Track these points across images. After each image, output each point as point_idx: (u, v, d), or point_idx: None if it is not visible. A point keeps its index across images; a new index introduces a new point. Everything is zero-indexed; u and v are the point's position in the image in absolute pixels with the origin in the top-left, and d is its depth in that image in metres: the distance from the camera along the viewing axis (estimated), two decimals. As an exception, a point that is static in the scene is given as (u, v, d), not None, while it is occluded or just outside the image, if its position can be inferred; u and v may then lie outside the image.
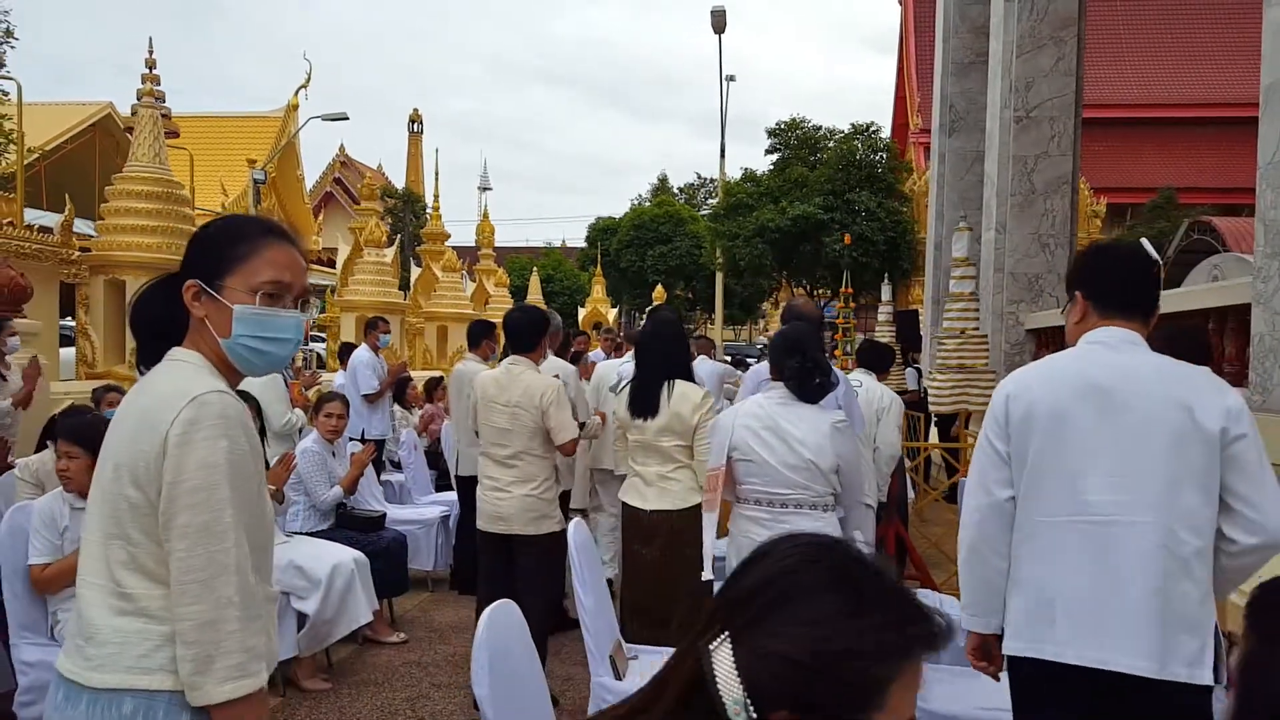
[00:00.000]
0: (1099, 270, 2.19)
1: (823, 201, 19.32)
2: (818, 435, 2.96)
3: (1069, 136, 8.99)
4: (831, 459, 2.96)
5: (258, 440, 1.50)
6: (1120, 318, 2.12)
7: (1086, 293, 2.18)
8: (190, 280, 1.53)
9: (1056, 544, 2.01)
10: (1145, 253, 2.25)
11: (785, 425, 3.00)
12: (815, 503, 3.00)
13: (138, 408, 1.49)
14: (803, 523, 2.98)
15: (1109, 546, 1.96)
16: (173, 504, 1.39)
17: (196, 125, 28.64)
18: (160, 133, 8.84)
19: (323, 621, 4.05)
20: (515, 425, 3.89)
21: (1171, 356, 2.11)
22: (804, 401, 3.03)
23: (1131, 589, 1.93)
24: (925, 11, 33.27)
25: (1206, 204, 26.96)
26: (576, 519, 3.17)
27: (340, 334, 13.46)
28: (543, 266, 33.12)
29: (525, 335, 4.08)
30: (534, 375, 4.00)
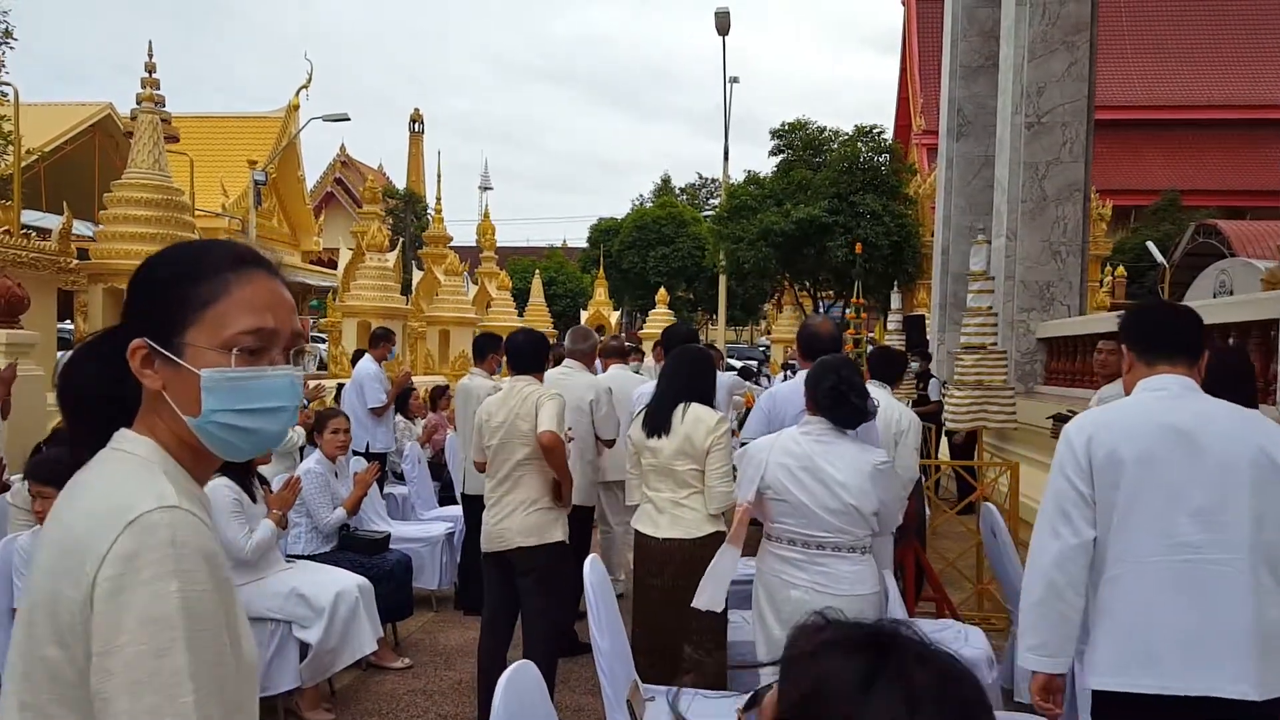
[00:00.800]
0: (1139, 322, 2.38)
1: (827, 204, 19.19)
2: (860, 478, 2.83)
3: (1081, 142, 8.87)
4: (874, 503, 2.84)
5: (224, 568, 1.05)
6: (1165, 363, 2.27)
7: (1130, 345, 2.36)
8: (136, 340, 1.10)
9: (1150, 583, 2.10)
10: (1185, 306, 2.46)
11: (824, 465, 2.86)
12: (854, 545, 2.88)
13: (60, 528, 1.05)
14: (840, 565, 2.86)
15: (1204, 581, 2.06)
16: (106, 681, 0.95)
17: (196, 126, 28.51)
18: (160, 138, 8.72)
19: (326, 651, 3.92)
20: (511, 436, 3.88)
21: (1216, 381, 2.33)
22: (840, 426, 2.91)
23: (1229, 620, 2.04)
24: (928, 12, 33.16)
25: (1210, 206, 26.88)
26: (592, 556, 3.05)
27: (341, 339, 13.35)
28: (545, 269, 33.02)
29: (527, 357, 4.16)
30: (535, 387, 4.01)
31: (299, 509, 4.56)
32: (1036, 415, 6.88)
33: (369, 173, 39.56)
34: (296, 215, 31.89)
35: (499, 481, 3.93)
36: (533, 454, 3.87)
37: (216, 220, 25.93)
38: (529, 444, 3.85)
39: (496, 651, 3.92)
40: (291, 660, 3.91)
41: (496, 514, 3.92)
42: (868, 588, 2.87)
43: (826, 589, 2.84)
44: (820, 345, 3.84)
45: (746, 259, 19.83)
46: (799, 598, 2.86)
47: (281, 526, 4.18)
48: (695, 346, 4.22)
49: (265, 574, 4.03)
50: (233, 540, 3.90)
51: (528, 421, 3.85)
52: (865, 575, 2.88)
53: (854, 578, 2.85)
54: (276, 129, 29.31)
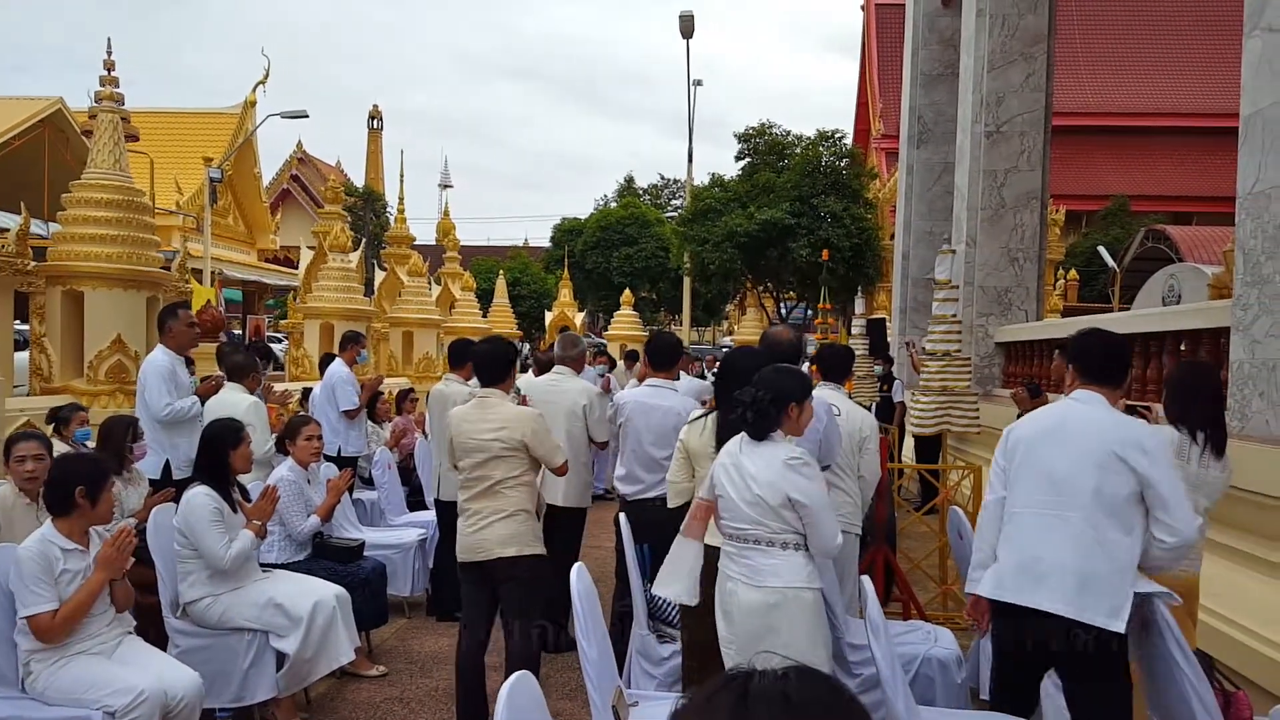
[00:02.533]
0: (1085, 351, 3.10)
1: (789, 207, 19.39)
2: (768, 471, 2.94)
3: (1038, 151, 9.10)
4: (780, 496, 2.90)
5: None
6: (1095, 385, 3.03)
7: (1075, 366, 3.12)
8: None
9: (1021, 528, 2.97)
10: (1118, 338, 3.14)
11: (744, 460, 3.01)
12: (774, 540, 2.94)
13: None
14: (760, 559, 2.95)
15: (1052, 529, 2.89)
16: None
17: (151, 121, 27.94)
18: (120, 137, 8.56)
19: (303, 661, 3.92)
20: (494, 458, 3.87)
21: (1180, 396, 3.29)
22: (752, 438, 3.03)
23: (1060, 557, 2.84)
24: (887, 18, 33.63)
25: (1158, 212, 27.58)
26: (579, 565, 3.10)
27: (303, 341, 13.21)
28: (509, 269, 32.89)
29: (494, 368, 4.08)
30: (509, 408, 4.01)
31: (272, 517, 4.54)
32: (996, 418, 7.06)
33: (327, 170, 39.11)
34: (252, 213, 31.40)
35: (477, 494, 3.91)
36: (514, 469, 3.88)
37: (171, 218, 25.47)
38: (510, 461, 3.87)
39: (475, 658, 3.93)
40: (269, 670, 3.91)
41: (474, 523, 3.90)
42: (782, 581, 2.91)
43: (751, 581, 2.95)
44: (780, 354, 3.93)
45: (711, 260, 19.96)
46: (732, 589, 3.00)
47: (260, 536, 4.17)
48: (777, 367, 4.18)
49: (243, 583, 4.02)
50: (212, 550, 3.89)
51: (512, 447, 3.86)
52: (785, 570, 2.92)
53: (772, 571, 2.92)
54: (233, 125, 28.84)
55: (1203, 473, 3.30)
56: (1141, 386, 6.11)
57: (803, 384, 3.09)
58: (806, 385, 3.10)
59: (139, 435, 4.77)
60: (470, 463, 3.91)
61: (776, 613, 2.89)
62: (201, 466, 4.11)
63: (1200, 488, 3.31)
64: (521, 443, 3.87)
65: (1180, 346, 5.87)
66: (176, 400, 5.28)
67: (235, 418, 4.56)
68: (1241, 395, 4.61)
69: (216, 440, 4.10)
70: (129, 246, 8.15)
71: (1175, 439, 3.32)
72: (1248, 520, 4.29)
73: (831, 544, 2.95)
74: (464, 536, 3.93)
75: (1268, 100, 4.42)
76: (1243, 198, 4.63)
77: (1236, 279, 4.71)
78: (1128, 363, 3.15)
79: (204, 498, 3.90)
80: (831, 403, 4.26)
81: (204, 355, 9.48)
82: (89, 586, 3.28)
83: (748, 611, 2.93)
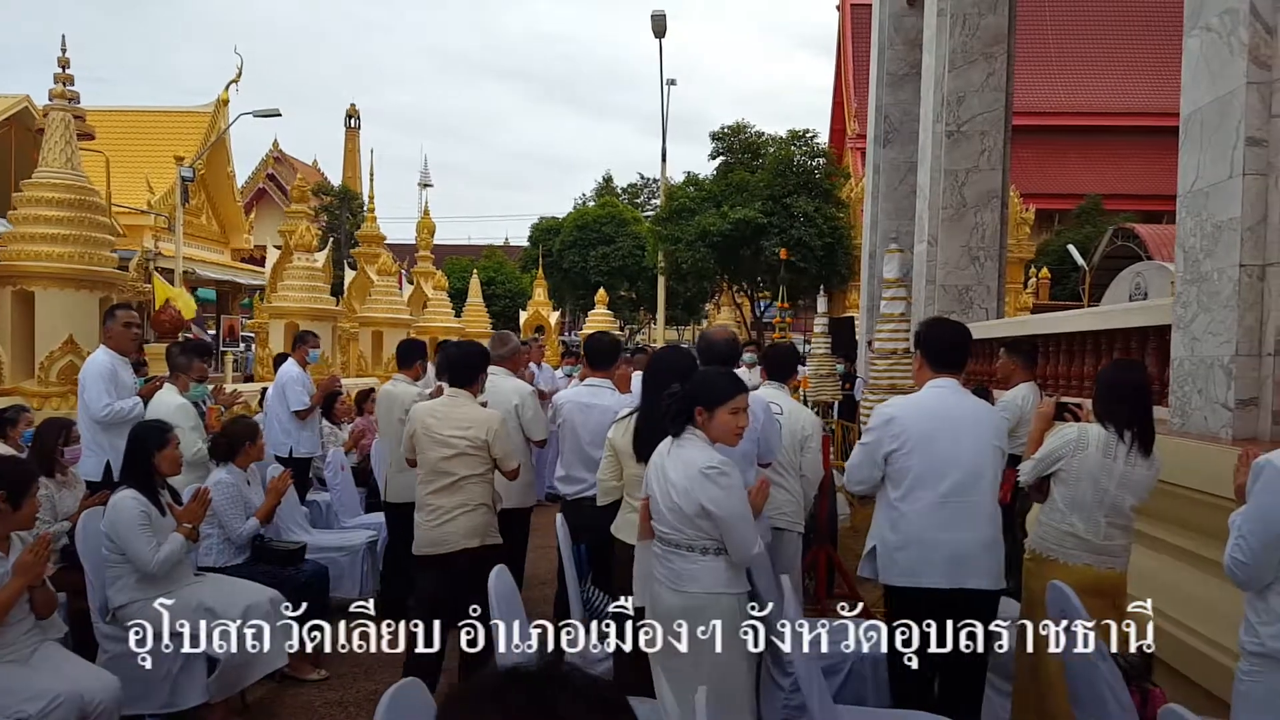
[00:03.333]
0: (933, 340, 3.49)
1: (762, 206, 19.41)
2: (685, 479, 2.89)
3: (999, 151, 9.13)
4: (694, 504, 2.85)
5: None
6: (946, 372, 3.44)
7: (924, 354, 3.50)
8: None
9: (929, 518, 3.22)
10: (962, 328, 3.58)
11: (667, 464, 2.98)
12: (694, 545, 2.90)
13: None
14: (681, 563, 2.92)
15: (964, 515, 3.21)
16: None
17: (121, 120, 27.62)
18: (72, 135, 8.45)
19: (234, 666, 3.87)
20: (458, 455, 4.04)
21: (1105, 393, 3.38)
22: (672, 435, 3.00)
23: (977, 540, 3.22)
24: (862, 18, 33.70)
25: (1130, 210, 27.79)
26: (500, 566, 3.07)
27: (269, 340, 13.10)
28: (483, 268, 32.76)
29: (462, 370, 4.25)
30: (474, 408, 4.18)
31: (210, 520, 4.48)
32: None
33: (302, 169, 38.84)
34: (226, 212, 31.08)
35: (439, 489, 4.04)
36: (476, 467, 4.06)
37: (142, 218, 25.18)
38: (473, 459, 4.05)
39: (431, 661, 3.90)
40: (199, 676, 3.85)
41: (436, 518, 4.03)
42: (701, 587, 2.88)
43: (673, 585, 2.93)
44: (716, 353, 3.92)
45: (685, 260, 19.96)
46: (658, 591, 2.98)
47: (192, 540, 4.11)
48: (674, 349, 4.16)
49: (172, 588, 3.96)
50: (141, 554, 3.83)
51: (476, 445, 4.04)
52: (702, 575, 2.88)
53: (689, 576, 2.89)
54: (205, 124, 28.50)
55: (1129, 470, 3.30)
56: (1080, 385, 6.14)
57: (716, 390, 2.97)
58: (720, 392, 2.97)
59: (73, 438, 4.70)
60: (434, 458, 4.05)
61: (694, 617, 2.86)
62: (127, 469, 4.04)
63: (1128, 485, 3.31)
64: (485, 442, 4.05)
65: (1130, 344, 5.90)
66: (117, 401, 5.21)
67: (163, 418, 4.50)
68: (1182, 392, 4.63)
69: (141, 442, 4.03)
70: (81, 246, 8.05)
71: (1103, 436, 3.32)
72: (1186, 516, 4.30)
73: (747, 553, 2.89)
74: (425, 530, 4.06)
75: (1206, 99, 4.44)
76: (1183, 195, 4.65)
77: (1177, 277, 4.74)
78: (969, 351, 3.63)
79: (130, 501, 3.83)
80: (773, 401, 4.26)
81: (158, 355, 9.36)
82: (5, 594, 3.21)
83: (666, 615, 2.91)
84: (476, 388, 4.32)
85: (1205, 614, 3.94)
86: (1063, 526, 3.34)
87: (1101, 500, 3.28)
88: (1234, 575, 2.49)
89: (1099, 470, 3.28)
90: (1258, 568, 2.41)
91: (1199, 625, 3.93)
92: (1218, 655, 3.70)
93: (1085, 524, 3.29)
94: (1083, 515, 3.30)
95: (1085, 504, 3.30)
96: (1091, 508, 3.29)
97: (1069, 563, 3.30)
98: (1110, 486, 3.28)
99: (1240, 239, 4.04)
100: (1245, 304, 4.04)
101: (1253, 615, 2.47)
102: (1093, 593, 3.12)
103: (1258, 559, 2.40)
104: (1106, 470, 3.28)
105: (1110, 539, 3.31)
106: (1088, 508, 3.29)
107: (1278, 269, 3.95)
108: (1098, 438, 3.32)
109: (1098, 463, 3.29)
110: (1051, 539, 3.37)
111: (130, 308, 5.78)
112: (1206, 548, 4.18)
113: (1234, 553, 2.46)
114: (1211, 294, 4.33)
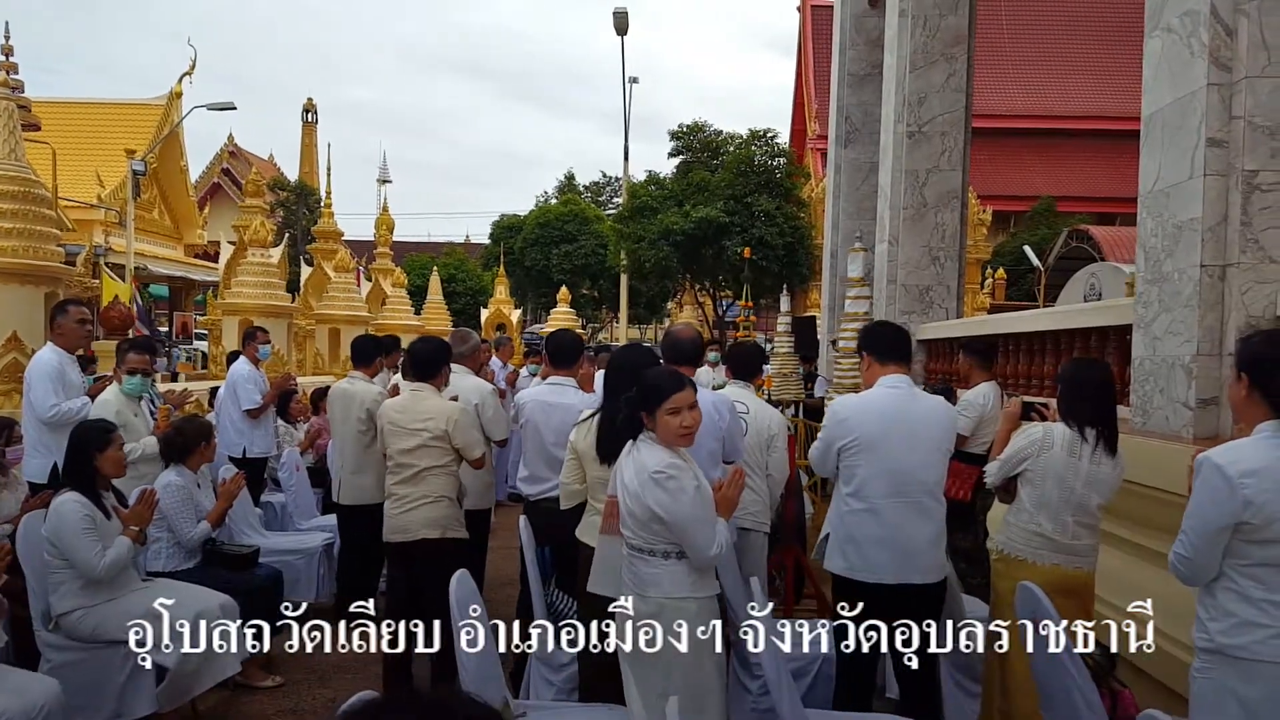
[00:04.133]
0: (875, 337, 3.61)
1: (724, 205, 19.44)
2: (636, 483, 2.82)
3: (959, 151, 9.19)
4: (645, 509, 2.78)
5: None
6: (893, 365, 3.50)
7: (869, 352, 3.58)
8: None
9: (884, 515, 3.30)
10: (899, 327, 3.73)
11: (624, 467, 2.91)
12: (654, 549, 2.82)
13: None
14: (642, 567, 2.85)
15: (913, 513, 3.31)
16: None
17: (69, 112, 26.90)
18: (16, 126, 8.16)
19: (184, 674, 3.73)
20: (421, 446, 4.20)
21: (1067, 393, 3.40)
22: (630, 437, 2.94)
23: (923, 537, 3.32)
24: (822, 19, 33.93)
25: (1083, 212, 28.33)
26: (461, 571, 2.99)
27: (222, 338, 12.81)
28: (444, 266, 32.43)
29: (428, 364, 4.41)
30: (437, 401, 4.33)
31: (159, 523, 4.33)
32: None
33: (258, 164, 38.13)
34: (179, 207, 30.42)
35: (403, 480, 4.22)
36: (438, 458, 4.22)
37: (92, 212, 24.55)
38: (435, 451, 4.20)
39: (403, 653, 3.93)
40: (147, 685, 3.71)
41: (400, 506, 4.22)
42: (663, 592, 2.79)
43: (638, 589, 2.85)
44: (680, 351, 3.88)
45: (647, 258, 19.92)
46: (625, 594, 2.91)
47: (139, 543, 3.96)
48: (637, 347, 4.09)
49: (119, 594, 3.81)
50: (85, 559, 3.68)
51: (438, 437, 4.19)
52: (662, 579, 2.80)
53: (651, 580, 2.81)
54: (158, 117, 27.85)
55: (1095, 469, 3.30)
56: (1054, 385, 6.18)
57: (652, 392, 2.86)
58: (656, 394, 2.85)
59: (15, 439, 4.52)
60: (398, 449, 4.23)
61: (660, 622, 2.78)
62: (69, 472, 3.88)
63: (1094, 484, 3.31)
64: (445, 432, 4.19)
65: (1090, 343, 5.95)
66: (64, 401, 5.03)
67: (106, 418, 4.35)
68: (1144, 392, 4.67)
69: (82, 443, 3.87)
70: (25, 240, 7.77)
71: (1067, 435, 3.33)
72: (1148, 515, 4.33)
73: (705, 556, 2.79)
74: (390, 518, 4.26)
75: (1167, 100, 4.48)
76: (1144, 196, 4.69)
77: (1138, 277, 4.77)
78: (910, 343, 3.73)
79: (73, 505, 3.68)
80: (738, 400, 4.21)
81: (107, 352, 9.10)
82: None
83: (634, 620, 2.84)
84: (440, 380, 4.45)
85: (1167, 612, 3.97)
86: (1030, 527, 3.33)
87: (1068, 499, 3.28)
88: (1177, 571, 2.52)
89: (1065, 469, 3.28)
90: (1199, 564, 2.43)
91: (1162, 623, 3.96)
92: (1180, 654, 3.73)
93: (1053, 524, 3.29)
94: (1049, 515, 3.30)
95: (1052, 504, 3.30)
96: (1058, 507, 3.29)
97: (1037, 563, 3.30)
98: (1076, 485, 3.28)
99: (1201, 239, 4.08)
100: (1206, 304, 4.07)
101: (1203, 612, 2.49)
102: (1062, 592, 3.11)
103: (1199, 554, 2.42)
104: (1072, 469, 3.28)
105: (1078, 538, 3.31)
106: (1054, 507, 3.29)
107: (1238, 269, 3.99)
108: (1062, 437, 3.32)
109: (1063, 462, 3.29)
110: (1019, 539, 3.36)
111: (81, 304, 5.59)
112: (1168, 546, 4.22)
113: (1177, 548, 2.49)
114: (1173, 294, 4.37)
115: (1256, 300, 3.99)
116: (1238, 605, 2.38)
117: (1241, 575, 2.38)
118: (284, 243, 17.75)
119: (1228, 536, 2.37)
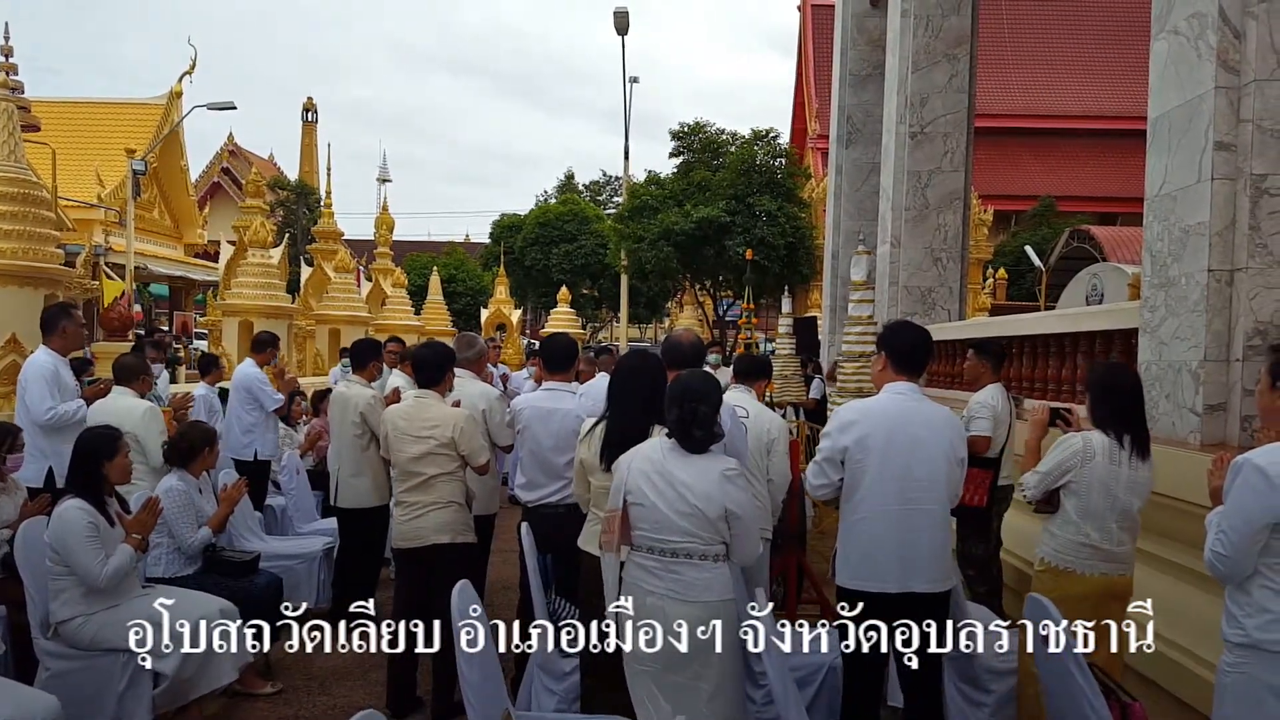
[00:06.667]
0: (896, 342, 3.38)
1: (725, 205, 19.40)
2: (705, 482, 2.85)
3: (961, 152, 9.16)
4: (719, 507, 2.84)
5: None
6: (906, 375, 3.33)
7: (888, 355, 3.39)
8: None
9: (887, 523, 3.18)
10: (925, 331, 3.44)
11: (675, 470, 2.89)
12: (705, 552, 2.87)
13: None
14: (690, 573, 2.86)
15: (919, 521, 3.17)
16: None
17: (71, 111, 26.89)
18: (16, 127, 8.15)
19: (182, 680, 3.69)
20: (428, 454, 4.15)
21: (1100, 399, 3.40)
22: (690, 452, 2.92)
23: (929, 545, 3.18)
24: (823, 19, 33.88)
25: (1084, 212, 28.28)
26: (462, 582, 2.96)
27: (222, 339, 12.78)
28: (444, 266, 32.39)
29: (432, 370, 4.36)
30: (441, 407, 4.29)
31: (160, 529, 4.30)
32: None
33: (258, 163, 38.11)
34: (179, 206, 30.39)
35: (412, 487, 4.18)
36: (446, 465, 4.17)
37: (92, 211, 24.51)
38: (442, 458, 4.16)
39: (408, 657, 4.06)
40: (145, 692, 3.67)
41: (410, 513, 4.17)
42: (715, 594, 2.88)
43: (680, 595, 2.86)
44: (681, 356, 3.83)
45: (648, 259, 19.87)
46: (655, 604, 2.88)
47: (141, 551, 3.93)
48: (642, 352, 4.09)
49: (119, 601, 3.77)
50: (88, 567, 3.64)
51: (444, 444, 4.15)
52: (714, 582, 2.89)
53: (703, 585, 2.87)
54: (158, 116, 27.82)
55: (1134, 474, 3.34)
56: (1058, 388, 6.15)
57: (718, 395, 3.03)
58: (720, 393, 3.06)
59: (18, 446, 4.49)
60: (405, 457, 4.18)
61: (706, 625, 2.82)
62: (74, 478, 3.84)
63: (1134, 490, 3.35)
64: (451, 439, 4.15)
65: (1094, 347, 5.92)
66: (61, 404, 4.99)
67: (125, 426, 4.33)
68: (1149, 397, 4.63)
69: (90, 450, 3.83)
70: (24, 241, 7.76)
71: (1106, 443, 3.33)
72: (1152, 521, 4.30)
73: (754, 553, 2.97)
74: (400, 524, 4.22)
75: (1174, 102, 4.44)
76: (1150, 199, 4.65)
77: (1144, 281, 4.73)
78: (930, 355, 3.52)
79: (77, 512, 3.64)
80: (738, 405, 4.18)
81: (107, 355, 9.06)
82: None
83: (671, 624, 2.82)
84: (444, 387, 4.41)
85: (1172, 619, 3.94)
86: (1078, 538, 3.36)
87: (1113, 506, 3.33)
88: (1215, 569, 2.53)
89: (1108, 478, 3.32)
90: (1238, 561, 2.46)
91: (1166, 630, 3.93)
92: (1185, 660, 3.70)
93: (1100, 532, 3.33)
94: (1096, 524, 3.33)
95: (1099, 512, 3.33)
96: (1104, 515, 3.33)
97: (1086, 573, 3.34)
98: (1119, 493, 3.32)
99: (1209, 244, 4.05)
100: (1213, 309, 4.04)
101: (1235, 608, 2.50)
102: (1109, 598, 3.25)
103: (1238, 552, 2.45)
104: (1115, 477, 3.32)
105: (1121, 544, 3.37)
106: (1101, 516, 3.33)
107: (1246, 274, 3.96)
108: (1102, 445, 3.34)
109: (1106, 470, 3.32)
110: (1069, 551, 3.38)
111: (76, 308, 5.56)
112: (1174, 552, 4.19)
113: (1214, 547, 2.50)
114: (1179, 298, 4.34)
115: (1265, 305, 3.96)
116: (1273, 601, 2.41)
117: (1277, 572, 2.43)
118: (284, 243, 17.71)
119: (1266, 535, 2.42)
